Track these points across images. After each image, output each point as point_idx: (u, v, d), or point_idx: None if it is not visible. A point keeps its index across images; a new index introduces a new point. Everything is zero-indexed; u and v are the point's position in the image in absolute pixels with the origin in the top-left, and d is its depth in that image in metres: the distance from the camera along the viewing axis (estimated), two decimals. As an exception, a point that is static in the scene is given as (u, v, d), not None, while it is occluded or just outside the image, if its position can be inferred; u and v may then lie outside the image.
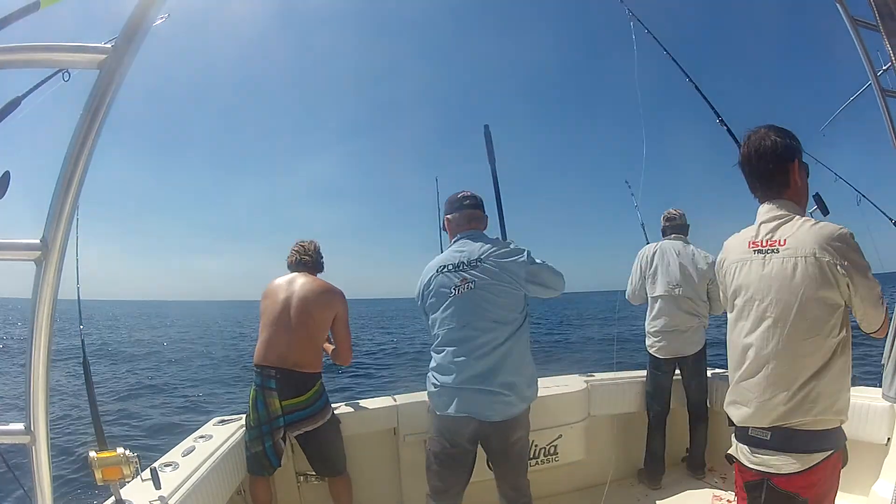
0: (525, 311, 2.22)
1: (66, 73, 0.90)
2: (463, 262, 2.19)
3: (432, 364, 2.25)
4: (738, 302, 1.56)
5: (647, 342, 3.44)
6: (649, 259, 3.46)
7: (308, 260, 2.78)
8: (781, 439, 1.45)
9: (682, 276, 3.33)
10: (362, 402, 3.04)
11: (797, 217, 1.50)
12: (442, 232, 2.49)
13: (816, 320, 1.43)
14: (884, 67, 1.64)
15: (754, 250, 1.53)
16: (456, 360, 2.14)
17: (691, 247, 3.45)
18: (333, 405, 2.80)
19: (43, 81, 1.20)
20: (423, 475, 3.16)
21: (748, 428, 1.52)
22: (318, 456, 2.64)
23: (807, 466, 1.42)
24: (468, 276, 2.16)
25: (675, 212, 3.58)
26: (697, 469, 3.36)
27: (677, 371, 3.40)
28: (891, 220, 3.47)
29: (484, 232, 2.35)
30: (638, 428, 3.42)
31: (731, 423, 1.60)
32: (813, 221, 1.48)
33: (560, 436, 2.95)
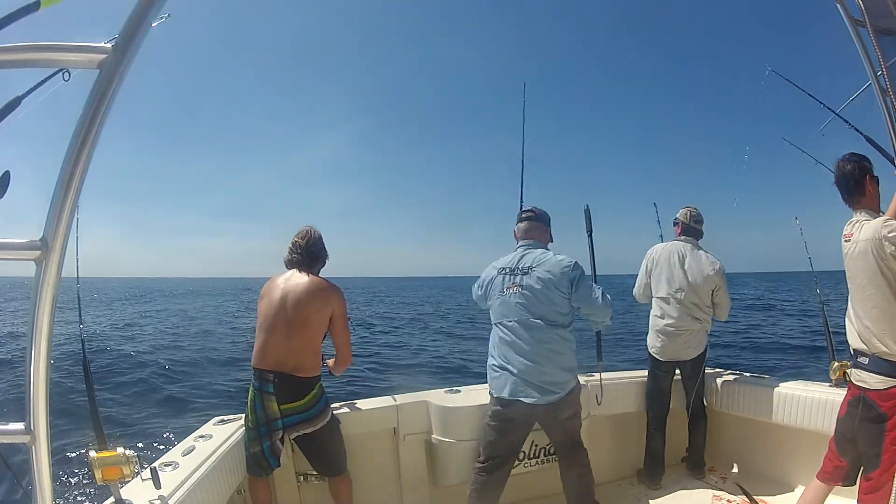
0: (570, 314, 2.57)
1: (66, 73, 0.89)
2: (518, 268, 2.59)
3: (490, 348, 2.65)
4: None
5: (648, 342, 3.44)
6: (655, 260, 3.45)
7: (303, 254, 2.64)
8: (874, 363, 2.09)
9: (686, 280, 3.31)
10: (362, 402, 3.04)
11: (865, 221, 2.18)
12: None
13: (882, 282, 2.07)
14: (884, 67, 1.64)
15: (845, 240, 2.23)
16: (507, 350, 2.55)
17: (701, 252, 3.39)
18: (333, 405, 2.79)
19: (43, 81, 1.20)
20: (423, 475, 3.17)
21: (857, 354, 2.17)
22: (317, 457, 2.64)
23: (887, 386, 2.03)
24: (517, 281, 2.55)
25: (693, 212, 3.48)
26: (697, 469, 3.36)
27: (677, 371, 3.41)
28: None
29: (547, 246, 2.72)
30: (638, 428, 3.43)
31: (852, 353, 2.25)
32: (870, 222, 2.16)
33: None
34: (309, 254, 2.65)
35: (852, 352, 2.23)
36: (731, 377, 3.44)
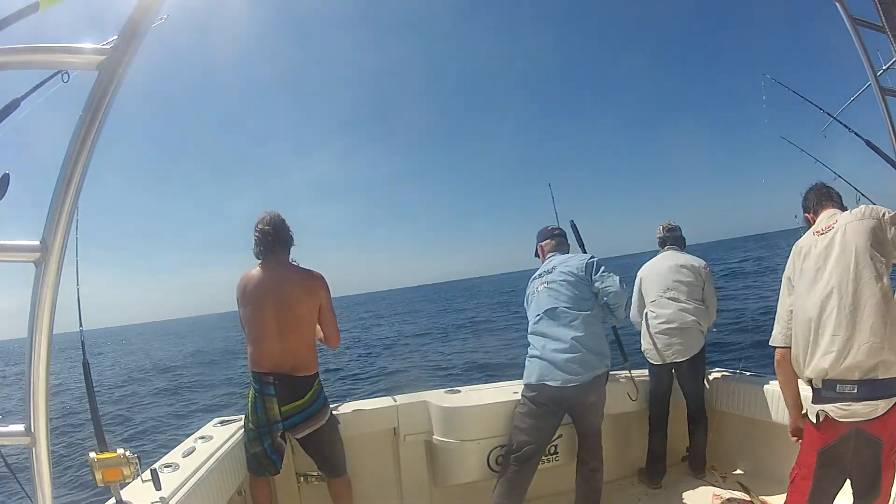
0: (593, 300, 2.78)
1: (65, 75, 0.89)
2: (545, 271, 2.92)
3: (529, 341, 2.87)
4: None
5: (643, 346, 3.46)
6: (642, 276, 3.55)
7: (273, 241, 2.53)
8: (869, 387, 1.73)
9: (673, 280, 3.37)
10: (362, 403, 3.04)
11: (839, 213, 2.03)
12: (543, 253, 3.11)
13: (880, 274, 1.78)
14: (884, 67, 1.64)
15: (821, 233, 1.96)
16: (538, 340, 2.78)
17: (684, 254, 3.51)
18: (333, 406, 2.79)
19: (42, 83, 1.20)
20: (423, 475, 3.16)
21: (831, 384, 1.78)
22: (318, 456, 2.63)
23: (889, 407, 1.72)
24: (545, 280, 2.88)
25: (668, 224, 3.62)
26: (698, 468, 3.35)
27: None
28: None
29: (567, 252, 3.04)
30: (639, 428, 3.42)
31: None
32: (854, 209, 1.97)
33: (560, 436, 2.95)
34: (280, 240, 2.56)
35: (820, 384, 1.82)
36: (732, 376, 3.43)
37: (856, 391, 1.74)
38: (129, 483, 1.80)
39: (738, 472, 3.35)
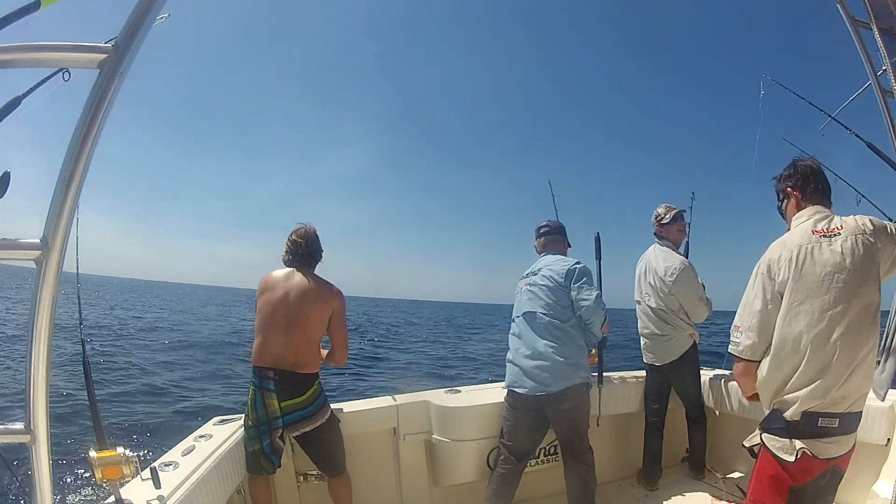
0: (571, 308, 2.65)
1: (66, 73, 0.89)
2: (532, 272, 2.84)
3: (508, 343, 2.83)
4: None
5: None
6: (638, 265, 3.53)
7: (303, 253, 2.66)
8: (849, 420, 1.59)
9: (649, 285, 3.32)
10: (362, 402, 3.04)
11: (836, 216, 1.75)
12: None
13: (875, 298, 1.64)
14: (883, 67, 1.64)
15: (828, 235, 1.67)
16: (513, 343, 2.77)
17: (663, 255, 3.29)
18: (333, 405, 2.80)
19: (43, 81, 1.20)
20: (423, 475, 3.17)
21: (814, 417, 1.57)
22: (317, 455, 2.64)
23: (852, 442, 1.62)
24: (528, 281, 2.81)
25: (660, 211, 3.38)
26: (697, 469, 3.36)
27: None
28: (890, 219, 3.46)
29: (566, 254, 2.94)
30: (638, 428, 3.43)
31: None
32: (852, 217, 1.74)
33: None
34: (309, 253, 2.69)
35: (799, 416, 1.59)
36: (729, 377, 3.44)
37: (837, 425, 1.56)
38: (128, 481, 1.80)
39: (737, 473, 3.35)
